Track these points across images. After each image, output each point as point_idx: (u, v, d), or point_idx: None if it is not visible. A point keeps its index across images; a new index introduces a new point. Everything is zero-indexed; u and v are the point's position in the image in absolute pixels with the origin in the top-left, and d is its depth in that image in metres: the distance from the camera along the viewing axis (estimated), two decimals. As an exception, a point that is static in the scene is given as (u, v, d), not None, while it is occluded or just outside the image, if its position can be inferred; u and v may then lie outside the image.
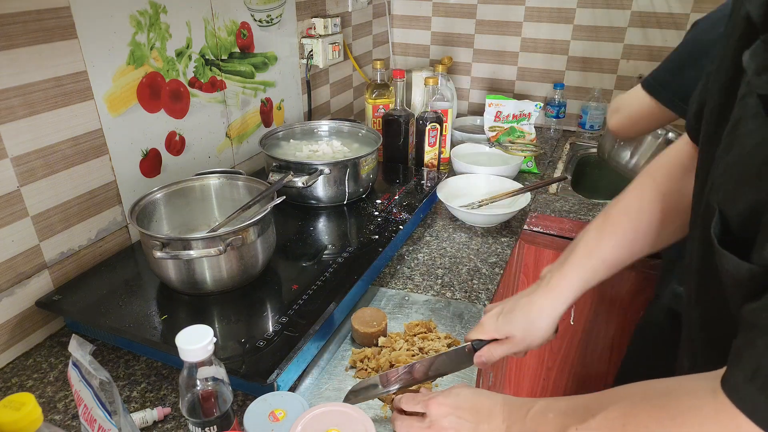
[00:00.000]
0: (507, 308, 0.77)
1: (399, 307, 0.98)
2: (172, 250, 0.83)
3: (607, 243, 0.75)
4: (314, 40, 1.54)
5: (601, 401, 0.54)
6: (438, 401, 0.66)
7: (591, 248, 0.76)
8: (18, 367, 0.86)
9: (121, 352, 0.88)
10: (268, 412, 0.68)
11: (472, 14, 1.97)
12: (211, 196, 1.06)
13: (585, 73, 1.89)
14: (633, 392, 0.52)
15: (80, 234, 0.97)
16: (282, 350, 0.78)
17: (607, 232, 0.76)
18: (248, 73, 1.34)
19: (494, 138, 1.64)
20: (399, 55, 2.17)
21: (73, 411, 0.77)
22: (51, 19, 0.85)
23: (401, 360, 0.82)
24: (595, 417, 0.52)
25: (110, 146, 0.99)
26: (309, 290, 0.91)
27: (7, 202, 0.83)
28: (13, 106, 0.82)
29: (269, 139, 1.31)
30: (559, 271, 0.76)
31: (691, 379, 0.49)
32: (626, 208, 0.77)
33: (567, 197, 1.47)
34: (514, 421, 0.61)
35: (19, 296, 0.88)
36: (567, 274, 0.75)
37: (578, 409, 0.55)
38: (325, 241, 1.11)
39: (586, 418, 0.53)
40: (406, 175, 1.40)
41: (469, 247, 1.18)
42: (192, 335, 0.61)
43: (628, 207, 0.77)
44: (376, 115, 1.56)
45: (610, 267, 0.76)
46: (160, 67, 1.07)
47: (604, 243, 0.76)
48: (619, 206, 0.77)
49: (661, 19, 1.72)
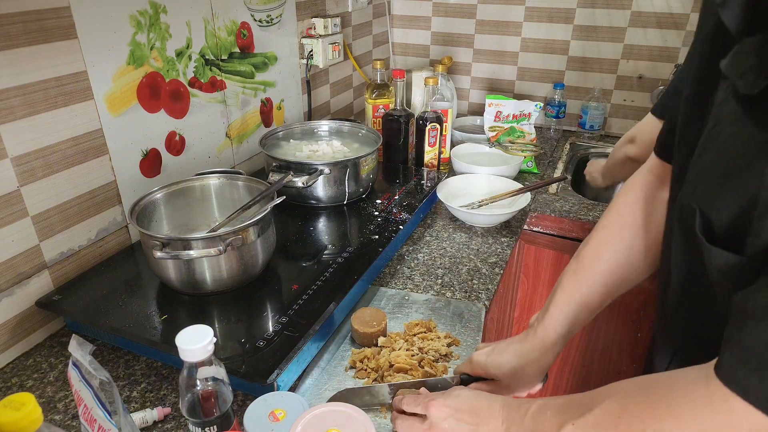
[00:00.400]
0: (497, 351, 0.76)
1: (399, 307, 0.98)
2: (172, 250, 0.83)
3: (583, 287, 0.75)
4: (314, 40, 1.54)
5: (596, 396, 0.55)
6: (438, 403, 0.66)
7: (569, 295, 0.76)
8: (18, 367, 0.86)
9: (121, 352, 0.88)
10: (268, 412, 0.68)
11: (472, 14, 1.97)
12: (211, 196, 1.06)
13: (585, 73, 1.89)
14: (627, 386, 0.54)
15: (80, 234, 0.97)
16: (282, 350, 0.78)
17: (581, 276, 0.76)
18: (248, 73, 1.34)
19: (494, 138, 1.64)
20: (399, 55, 2.17)
21: (73, 411, 0.77)
22: (51, 19, 0.85)
23: (401, 360, 0.82)
24: (591, 411, 0.53)
25: (110, 146, 0.99)
26: (309, 290, 0.91)
27: (7, 202, 0.83)
28: (13, 106, 0.82)
29: (269, 139, 1.31)
30: (543, 319, 0.76)
31: (682, 372, 0.50)
32: (596, 249, 0.76)
33: (567, 197, 1.47)
34: (513, 422, 0.61)
35: (19, 296, 0.88)
36: (551, 324, 0.75)
37: (575, 405, 0.56)
38: (325, 241, 1.11)
39: (583, 413, 0.54)
40: (406, 175, 1.40)
41: (469, 247, 1.18)
42: (192, 335, 0.61)
43: (598, 247, 0.76)
44: (376, 115, 1.56)
45: (591, 309, 0.76)
46: (160, 67, 1.07)
47: (579, 287, 0.76)
48: (589, 247, 0.77)
49: (661, 19, 1.72)
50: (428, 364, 0.82)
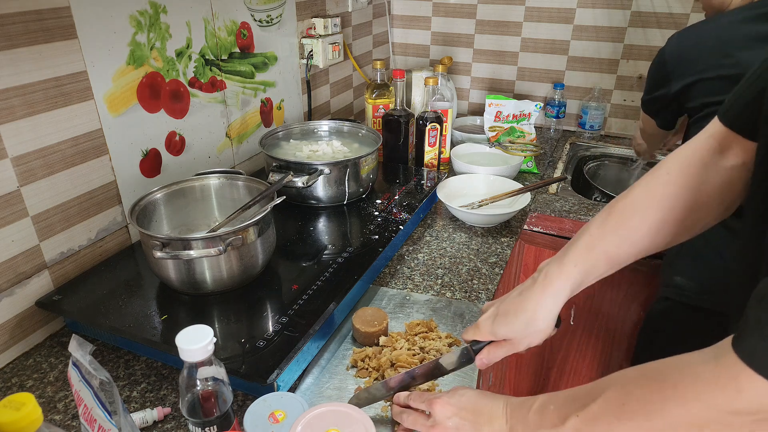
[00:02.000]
0: (502, 309, 0.72)
1: (400, 307, 0.98)
2: (172, 250, 0.83)
3: (611, 237, 0.71)
4: (314, 40, 1.54)
5: (599, 386, 0.54)
6: (442, 401, 0.67)
7: (593, 242, 0.71)
8: (18, 367, 0.86)
9: (121, 352, 0.88)
10: (267, 414, 0.68)
11: (472, 14, 1.97)
12: (211, 196, 1.06)
13: (585, 73, 1.89)
14: (631, 373, 0.53)
15: (80, 234, 0.97)
16: (282, 350, 0.78)
17: (610, 226, 0.71)
18: (248, 73, 1.34)
19: (494, 138, 1.64)
20: (399, 55, 2.17)
21: (73, 411, 0.77)
22: (51, 19, 0.85)
23: (402, 359, 0.82)
24: (595, 401, 0.53)
25: (110, 146, 0.99)
26: (309, 290, 0.91)
27: (7, 202, 0.83)
28: (13, 106, 0.82)
29: (269, 139, 1.30)
30: (556, 264, 0.72)
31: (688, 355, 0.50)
32: (633, 203, 0.71)
33: (567, 197, 1.47)
34: (517, 421, 0.61)
35: (19, 296, 0.88)
36: (565, 267, 0.71)
37: (578, 397, 0.56)
38: (325, 241, 1.11)
39: (587, 404, 0.53)
40: (406, 175, 1.40)
41: (469, 247, 1.18)
42: (192, 335, 0.61)
43: (635, 201, 0.72)
44: (376, 115, 1.56)
45: (611, 262, 0.71)
46: (160, 67, 1.07)
47: (607, 237, 0.71)
48: (626, 200, 0.72)
49: (661, 19, 1.72)
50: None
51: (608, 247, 0.71)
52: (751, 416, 0.44)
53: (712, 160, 0.68)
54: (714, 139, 0.69)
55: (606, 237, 0.71)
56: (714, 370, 0.45)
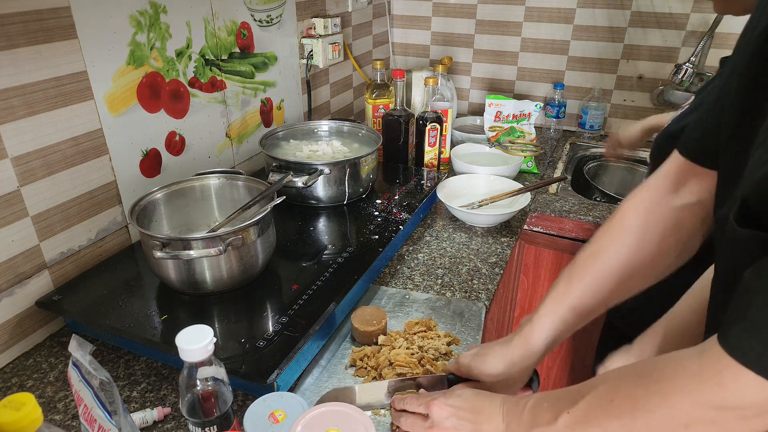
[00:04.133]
0: (482, 353, 0.75)
1: (399, 306, 0.98)
2: (172, 250, 0.83)
3: (575, 288, 0.73)
4: (314, 40, 1.54)
5: (592, 383, 0.55)
6: (439, 402, 0.67)
7: (559, 297, 0.73)
8: (18, 367, 0.86)
9: (121, 352, 0.88)
10: (267, 414, 0.68)
11: (472, 14, 1.97)
12: (211, 196, 1.06)
13: (585, 73, 1.89)
14: (622, 371, 0.54)
15: (80, 234, 0.97)
16: (282, 350, 0.78)
17: (574, 281, 0.73)
18: (248, 73, 1.34)
19: (494, 138, 1.64)
20: (399, 55, 2.17)
21: (73, 411, 0.77)
22: (51, 19, 0.85)
23: (400, 358, 0.82)
24: (584, 398, 0.54)
25: (110, 146, 0.99)
26: (309, 290, 0.91)
27: (7, 202, 0.83)
28: (13, 106, 0.82)
29: (269, 139, 1.31)
30: (530, 322, 0.74)
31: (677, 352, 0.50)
32: (595, 253, 0.73)
33: (567, 197, 1.47)
34: (512, 418, 0.62)
35: (19, 296, 0.88)
36: (537, 325, 0.73)
37: (570, 394, 0.57)
38: (325, 241, 1.11)
39: (577, 401, 0.54)
40: (406, 175, 1.40)
41: (469, 247, 1.18)
42: (192, 335, 0.61)
43: (597, 251, 0.73)
44: (376, 115, 1.56)
45: (580, 316, 0.73)
46: (160, 67, 1.07)
47: (571, 290, 0.73)
48: (588, 250, 0.74)
49: (661, 19, 1.72)
50: (428, 362, 0.82)
51: (573, 301, 0.73)
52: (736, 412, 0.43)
53: (664, 200, 0.70)
54: (667, 178, 0.70)
55: (571, 289, 0.73)
56: (699, 363, 0.45)
